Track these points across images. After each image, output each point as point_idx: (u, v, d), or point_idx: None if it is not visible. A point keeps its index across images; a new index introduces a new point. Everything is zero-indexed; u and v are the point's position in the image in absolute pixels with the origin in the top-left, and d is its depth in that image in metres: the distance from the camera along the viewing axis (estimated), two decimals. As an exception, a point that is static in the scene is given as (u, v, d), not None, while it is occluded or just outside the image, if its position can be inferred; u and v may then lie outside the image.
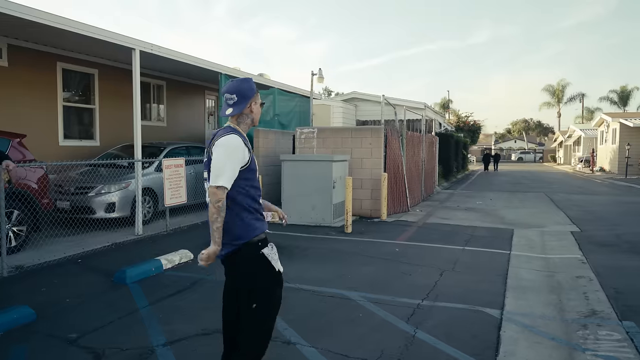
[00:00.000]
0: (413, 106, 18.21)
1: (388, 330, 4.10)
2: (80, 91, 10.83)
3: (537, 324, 4.26)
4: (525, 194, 16.70)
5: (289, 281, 5.50)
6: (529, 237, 8.36)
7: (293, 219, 9.41)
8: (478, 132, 38.81)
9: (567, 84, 60.75)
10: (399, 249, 7.28)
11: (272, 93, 12.81)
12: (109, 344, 3.76)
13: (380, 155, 10.28)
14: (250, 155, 2.72)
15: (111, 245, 7.17)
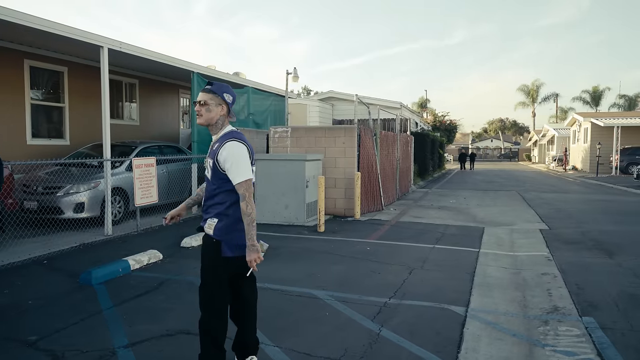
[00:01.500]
0: (389, 105, 18.34)
1: (353, 328, 4.12)
2: (49, 89, 10.62)
3: (500, 321, 4.34)
4: (498, 192, 16.97)
5: (258, 280, 5.47)
6: (499, 235, 8.49)
7: (266, 218, 9.39)
8: (455, 131, 39.27)
9: (541, 84, 61.98)
10: (370, 247, 7.33)
11: (247, 92, 12.75)
12: (69, 346, 3.69)
13: (354, 155, 10.33)
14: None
15: (79, 246, 7.05)
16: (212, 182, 3.05)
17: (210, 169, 3.06)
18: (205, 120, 3.05)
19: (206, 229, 3.06)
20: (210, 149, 3.12)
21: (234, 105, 3.18)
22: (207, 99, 3.04)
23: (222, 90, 3.09)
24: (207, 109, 3.04)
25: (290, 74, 14.07)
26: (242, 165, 2.97)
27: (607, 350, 3.68)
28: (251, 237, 2.93)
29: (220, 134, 3.09)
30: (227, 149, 2.96)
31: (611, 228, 9.19)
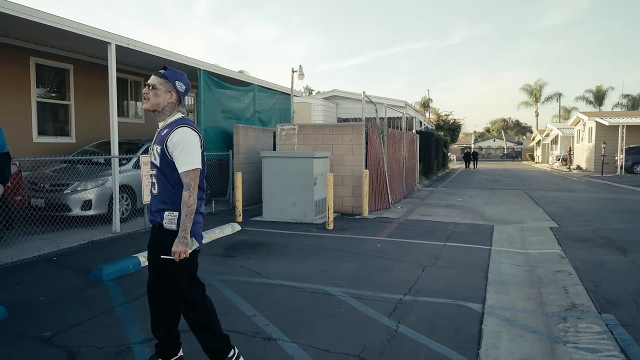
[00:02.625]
0: (394, 104, 18.28)
1: (370, 325, 4.06)
2: (55, 87, 10.57)
3: (519, 318, 4.27)
4: (504, 191, 16.90)
5: (269, 277, 5.44)
6: (509, 232, 8.43)
7: (274, 216, 9.34)
8: (458, 130, 39.17)
9: (544, 84, 61.78)
10: (380, 245, 7.27)
11: (253, 90, 12.72)
12: (84, 342, 3.64)
13: (362, 152, 10.27)
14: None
15: (88, 243, 7.01)
16: (162, 171, 2.90)
17: (159, 155, 2.90)
18: (151, 105, 2.92)
19: (167, 224, 2.88)
20: (158, 135, 2.99)
21: (186, 95, 3.05)
22: (157, 83, 2.92)
23: (175, 77, 2.97)
24: (155, 94, 2.91)
25: (296, 72, 14.03)
26: (192, 153, 2.85)
27: (631, 348, 3.62)
28: (186, 228, 2.79)
29: (170, 121, 2.97)
30: (178, 134, 2.84)
31: (621, 226, 9.12)
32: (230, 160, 11.11)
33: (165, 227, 2.88)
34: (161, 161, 2.89)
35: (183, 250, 2.78)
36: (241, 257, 6.42)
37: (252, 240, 7.46)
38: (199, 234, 2.96)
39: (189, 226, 2.79)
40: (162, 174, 2.90)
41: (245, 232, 8.17)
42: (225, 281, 5.27)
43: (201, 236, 3.00)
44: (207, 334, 3.02)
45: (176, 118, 2.97)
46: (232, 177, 11.09)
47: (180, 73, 3.02)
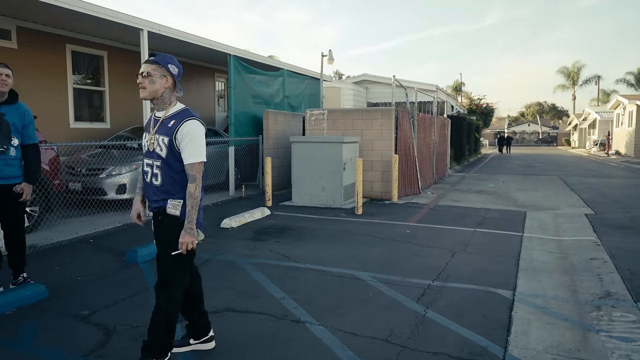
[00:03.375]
0: (425, 88, 18.00)
1: (398, 310, 4.07)
2: (90, 73, 10.82)
3: (550, 305, 4.21)
4: (538, 176, 16.52)
5: (298, 261, 5.50)
6: (542, 219, 8.26)
7: (303, 201, 9.39)
8: (491, 115, 38.34)
9: (582, 66, 59.73)
10: (409, 230, 7.24)
11: (282, 75, 12.72)
12: (120, 321, 3.78)
13: (391, 137, 10.18)
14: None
15: (122, 226, 7.21)
16: (167, 163, 2.89)
17: (166, 147, 2.88)
18: (149, 93, 2.88)
19: (170, 209, 2.91)
20: (161, 125, 2.93)
21: (180, 78, 3.00)
22: (150, 70, 2.86)
23: (166, 61, 2.92)
24: (151, 81, 2.87)
25: (326, 57, 13.95)
26: (200, 145, 2.87)
27: (667, 337, 3.52)
28: (192, 220, 2.85)
29: (173, 111, 2.95)
30: (188, 127, 2.85)
31: (661, 213, 8.81)
32: (260, 145, 11.19)
33: (169, 212, 2.91)
34: (168, 152, 2.87)
35: (190, 241, 2.84)
36: (270, 240, 6.50)
37: (282, 225, 7.54)
38: (199, 221, 3.02)
39: (194, 218, 2.85)
40: (167, 165, 2.89)
41: (274, 216, 8.25)
42: (255, 264, 5.35)
43: (200, 224, 3.06)
44: (161, 328, 3.00)
45: (181, 108, 2.96)
46: (261, 162, 11.19)
47: (170, 56, 2.97)
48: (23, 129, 4.32)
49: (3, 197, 4.28)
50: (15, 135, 4.26)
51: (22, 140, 4.32)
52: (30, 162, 4.37)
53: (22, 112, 4.33)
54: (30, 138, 4.37)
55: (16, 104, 4.31)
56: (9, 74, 4.25)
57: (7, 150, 4.21)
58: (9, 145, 4.21)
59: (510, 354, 3.27)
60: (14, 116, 4.25)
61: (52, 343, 3.41)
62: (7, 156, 4.22)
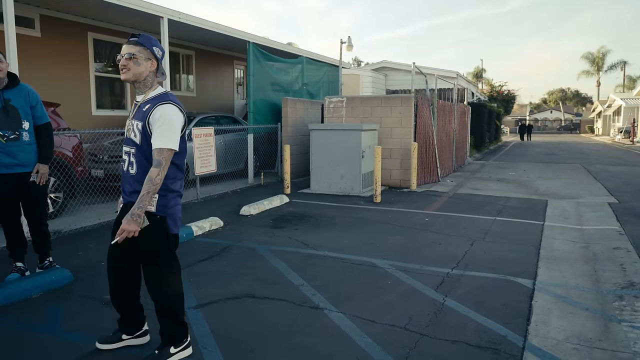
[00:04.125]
0: (445, 75, 17.76)
1: (416, 297, 4.07)
2: (111, 61, 10.93)
3: (571, 295, 4.16)
4: (560, 165, 16.25)
5: (317, 248, 5.52)
6: (564, 208, 8.14)
7: (321, 188, 9.41)
8: (512, 102, 37.73)
9: (607, 52, 58.16)
10: (428, 218, 7.20)
11: (301, 62, 12.69)
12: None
13: (411, 125, 10.10)
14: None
15: (144, 213, 7.31)
16: (142, 150, 2.74)
17: (139, 132, 2.73)
18: (133, 75, 2.74)
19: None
20: (137, 109, 2.80)
21: (163, 60, 2.90)
22: (135, 52, 2.73)
23: (151, 43, 2.80)
24: (136, 62, 2.73)
25: (345, 43, 13.85)
26: (171, 131, 2.67)
27: (692, 329, 3.46)
28: (142, 206, 2.61)
29: (152, 95, 2.80)
30: (162, 110, 2.68)
31: (688, 202, 8.61)
32: (279, 132, 11.21)
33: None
34: (142, 138, 2.72)
35: (133, 230, 2.60)
36: (289, 228, 6.53)
37: (300, 212, 7.57)
38: (179, 216, 2.88)
39: (146, 204, 2.63)
40: (141, 152, 2.74)
41: (293, 204, 8.29)
42: (274, 251, 5.40)
43: (180, 219, 2.92)
44: (171, 321, 2.97)
45: (159, 93, 2.81)
46: (280, 149, 11.22)
47: (154, 39, 2.86)
48: (32, 110, 4.24)
49: (22, 185, 4.23)
50: (25, 118, 4.19)
51: (33, 121, 4.25)
52: (42, 142, 4.30)
53: (26, 93, 4.22)
54: (40, 118, 4.29)
55: (19, 86, 4.21)
56: (1, 59, 4.09)
57: (19, 136, 4.16)
58: (21, 130, 4.16)
59: (530, 343, 3.26)
60: (20, 99, 4.17)
61: (77, 326, 3.50)
62: (21, 142, 4.17)
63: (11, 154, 4.13)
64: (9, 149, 4.12)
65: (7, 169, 4.16)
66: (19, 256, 4.46)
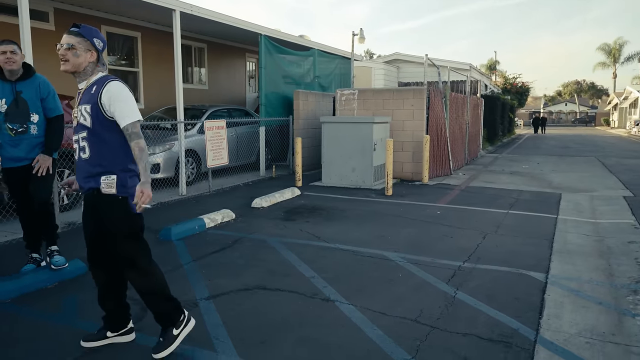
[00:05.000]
0: (458, 67, 17.59)
1: (428, 290, 4.07)
2: (124, 54, 11.00)
3: (584, 289, 4.13)
4: (574, 158, 16.06)
5: (328, 241, 5.53)
6: (578, 201, 8.05)
7: (333, 181, 9.40)
8: (526, 94, 37.28)
9: (624, 43, 57.15)
10: (440, 211, 7.17)
11: (313, 54, 12.65)
12: (154, 297, 3.89)
13: (423, 117, 10.04)
14: None
15: (157, 205, 7.38)
16: (94, 132, 2.72)
17: (89, 115, 2.71)
18: (72, 66, 2.74)
19: (105, 188, 2.75)
20: (83, 95, 2.78)
21: (103, 51, 2.87)
22: (75, 43, 2.73)
23: (91, 34, 2.78)
24: (75, 54, 2.73)
25: (357, 35, 13.77)
26: (131, 105, 2.72)
27: None
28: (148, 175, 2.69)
29: (95, 78, 2.80)
30: (112, 88, 2.69)
31: None
32: (290, 125, 11.21)
33: (104, 191, 2.76)
34: (93, 121, 2.71)
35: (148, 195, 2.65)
36: (300, 220, 6.55)
37: (312, 205, 7.58)
38: (134, 185, 2.78)
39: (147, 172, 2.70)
40: (94, 135, 2.73)
41: (304, 196, 8.30)
42: (285, 243, 5.42)
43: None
44: (157, 299, 2.96)
45: (101, 75, 2.82)
46: (292, 142, 11.23)
47: (95, 30, 2.84)
48: (43, 103, 4.14)
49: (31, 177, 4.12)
50: (34, 111, 4.09)
51: (45, 113, 4.16)
52: (49, 133, 4.17)
53: (37, 85, 4.12)
54: (52, 110, 4.18)
55: (32, 78, 4.12)
56: (15, 50, 4.01)
57: (27, 129, 4.07)
58: (29, 123, 4.07)
59: (542, 337, 3.24)
60: (30, 91, 4.09)
61: (91, 316, 3.55)
62: (29, 135, 4.09)
63: (20, 148, 4.08)
64: (17, 142, 4.07)
65: (17, 162, 4.13)
66: (35, 247, 4.46)
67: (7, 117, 4.04)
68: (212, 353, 3.02)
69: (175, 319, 2.99)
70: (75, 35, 2.76)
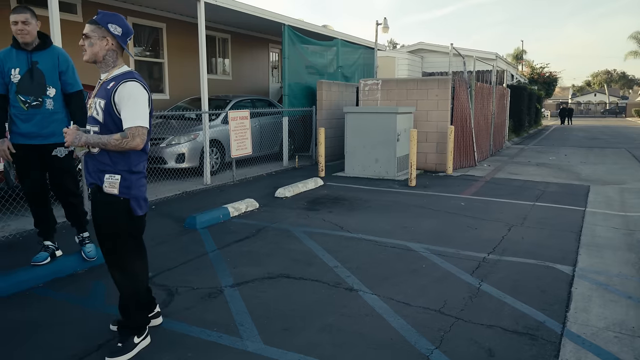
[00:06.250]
0: (483, 57, 17.30)
1: (451, 281, 4.04)
2: (149, 46, 11.12)
3: (613, 282, 4.05)
4: (604, 149, 15.68)
5: (351, 231, 5.54)
6: (607, 194, 7.87)
7: (356, 172, 9.38)
8: (554, 84, 36.46)
9: (658, 31, 55.27)
10: (464, 203, 7.10)
11: (336, 44, 12.58)
12: (181, 283, 3.97)
13: (447, 108, 9.92)
14: None
15: (182, 194, 7.49)
16: (106, 128, 2.68)
17: (102, 110, 2.66)
18: (89, 55, 2.67)
19: (107, 187, 2.69)
20: (100, 88, 2.72)
21: (128, 39, 2.77)
22: (89, 31, 2.65)
23: (106, 20, 2.67)
24: (90, 43, 2.65)
25: (380, 25, 13.65)
26: (139, 109, 2.63)
27: None
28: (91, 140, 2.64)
29: (116, 73, 2.72)
30: (127, 88, 2.62)
31: None
32: (314, 115, 11.21)
33: (105, 191, 2.70)
34: (105, 117, 2.67)
35: (69, 140, 2.63)
36: (324, 210, 6.56)
37: (334, 195, 7.58)
38: (143, 197, 2.83)
39: (97, 142, 2.63)
40: (105, 131, 2.68)
41: (327, 186, 8.31)
42: (309, 233, 5.44)
43: (145, 200, 2.86)
44: (134, 306, 2.93)
45: (123, 71, 2.73)
46: (315, 132, 11.22)
47: (113, 15, 2.72)
48: (61, 76, 3.86)
49: (45, 159, 3.86)
50: (52, 84, 3.82)
51: (63, 88, 3.89)
52: (72, 111, 3.94)
53: (55, 57, 3.83)
54: (71, 85, 3.92)
55: (49, 49, 3.84)
56: (27, 20, 3.69)
57: (42, 103, 3.80)
58: (45, 97, 3.80)
59: (568, 330, 3.19)
60: (48, 62, 3.80)
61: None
62: (43, 110, 3.81)
63: (32, 123, 3.80)
64: (30, 116, 3.79)
65: (27, 139, 3.83)
66: (47, 234, 4.23)
67: (19, 89, 3.76)
68: (237, 339, 3.07)
69: (141, 329, 2.95)
70: (90, 24, 2.68)
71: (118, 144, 2.61)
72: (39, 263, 4.07)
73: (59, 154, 3.26)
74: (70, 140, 2.64)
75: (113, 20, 2.70)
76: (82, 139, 2.65)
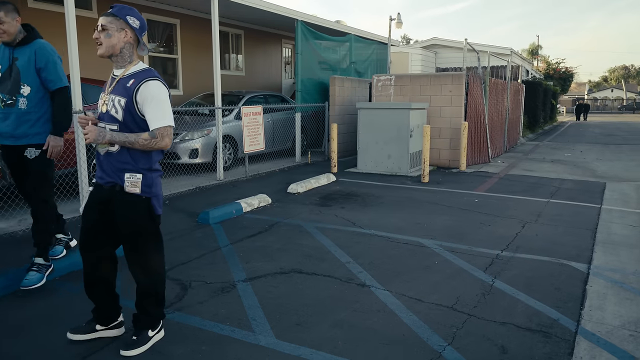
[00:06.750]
0: (498, 52, 17.13)
1: (464, 278, 4.03)
2: (163, 42, 11.19)
3: (629, 280, 4.00)
4: (620, 146, 15.45)
5: (363, 227, 5.53)
6: (624, 191, 7.76)
7: (368, 168, 9.37)
8: (570, 80, 36.02)
9: (678, 25, 54.21)
10: (478, 199, 7.05)
11: (349, 40, 12.54)
12: (194, 277, 4.00)
13: (461, 103, 9.85)
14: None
15: (195, 189, 7.54)
16: (126, 126, 2.63)
17: (122, 108, 2.60)
18: (105, 48, 2.60)
19: (129, 187, 2.66)
20: (118, 84, 2.65)
21: (144, 33, 2.74)
22: (106, 23, 2.60)
23: (124, 12, 2.64)
24: (107, 35, 2.59)
25: (394, 20, 13.57)
26: (165, 109, 2.62)
27: None
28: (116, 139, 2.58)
29: (133, 70, 2.67)
30: (149, 88, 2.58)
31: None
32: (326, 111, 11.20)
33: (127, 190, 2.66)
34: (125, 116, 2.61)
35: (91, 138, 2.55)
36: (336, 206, 6.56)
37: (347, 191, 7.58)
38: (162, 195, 2.85)
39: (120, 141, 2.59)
40: (125, 129, 2.63)
41: (339, 182, 8.31)
42: (321, 228, 5.45)
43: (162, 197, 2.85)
44: (154, 303, 2.93)
45: (142, 68, 2.70)
46: (327, 128, 11.22)
47: (129, 8, 2.69)
48: (40, 73, 3.55)
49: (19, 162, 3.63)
50: (27, 82, 3.53)
51: (44, 86, 3.60)
52: (54, 110, 3.63)
53: (32, 52, 3.53)
54: (52, 82, 3.59)
55: (31, 44, 3.56)
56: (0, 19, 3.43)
57: (15, 102, 3.53)
58: (18, 96, 3.52)
59: (583, 328, 3.16)
60: (24, 59, 3.53)
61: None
62: (16, 109, 3.53)
63: (7, 122, 3.57)
64: (6, 115, 3.57)
65: (3, 138, 3.63)
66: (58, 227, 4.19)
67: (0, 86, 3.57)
68: (250, 333, 3.09)
69: (156, 323, 2.97)
70: (107, 16, 2.63)
71: (147, 143, 2.61)
72: (55, 257, 4.13)
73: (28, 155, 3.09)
74: (93, 138, 2.56)
75: (131, 13, 2.68)
76: (106, 136, 2.59)
